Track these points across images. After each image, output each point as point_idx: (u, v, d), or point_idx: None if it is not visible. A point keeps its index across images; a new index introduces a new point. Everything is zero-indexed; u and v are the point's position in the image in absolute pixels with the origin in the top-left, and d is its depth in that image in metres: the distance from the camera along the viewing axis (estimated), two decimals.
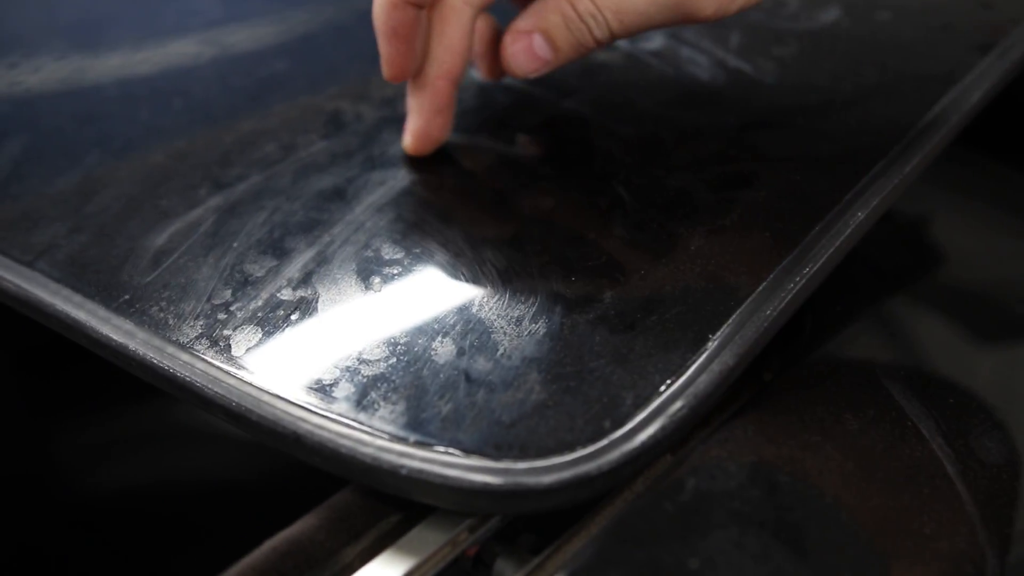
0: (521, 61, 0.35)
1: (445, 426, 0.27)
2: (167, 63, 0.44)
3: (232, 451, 0.75)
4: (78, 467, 0.78)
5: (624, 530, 0.26)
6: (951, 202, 0.45)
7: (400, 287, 0.32)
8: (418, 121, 0.36)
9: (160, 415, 0.81)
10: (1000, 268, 0.41)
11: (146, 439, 0.82)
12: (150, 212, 0.35)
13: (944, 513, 0.29)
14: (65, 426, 0.75)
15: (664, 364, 0.29)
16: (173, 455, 0.82)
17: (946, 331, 0.36)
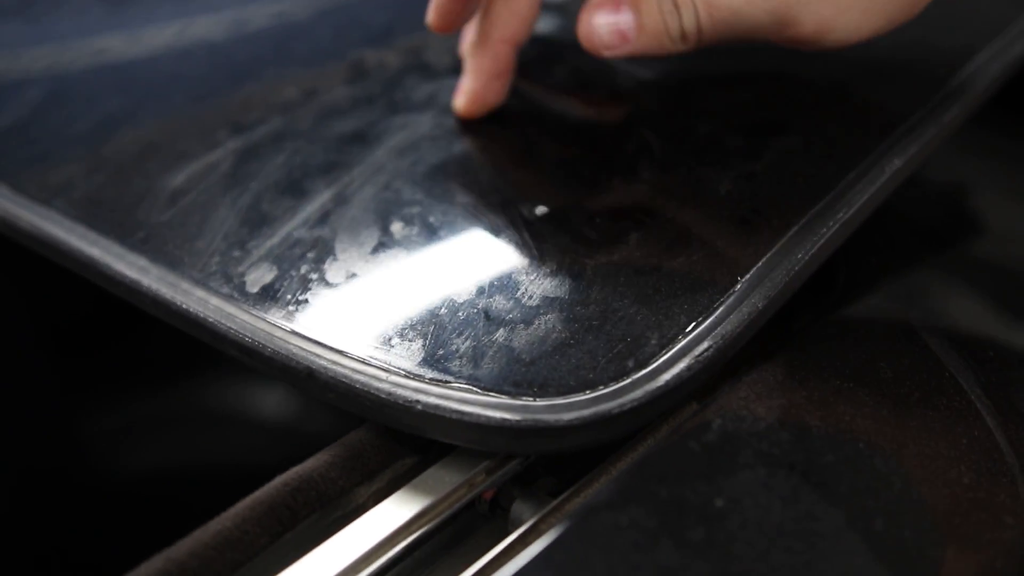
0: (603, 34, 0.33)
1: (462, 363, 0.27)
2: (189, 13, 0.43)
3: (255, 435, 0.75)
4: (105, 446, 0.78)
5: (646, 469, 0.25)
6: (991, 168, 0.43)
7: (419, 228, 0.31)
8: (474, 84, 0.35)
9: (186, 398, 0.82)
10: None
11: (171, 421, 0.82)
12: (168, 153, 0.35)
13: (983, 463, 0.27)
14: (95, 405, 0.76)
15: (691, 305, 0.28)
16: (197, 438, 0.82)
17: (985, 290, 0.35)
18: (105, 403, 0.78)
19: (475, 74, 0.35)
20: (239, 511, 0.26)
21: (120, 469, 0.80)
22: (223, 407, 0.81)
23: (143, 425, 0.81)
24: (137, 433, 0.81)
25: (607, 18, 0.33)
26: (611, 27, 0.33)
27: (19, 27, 0.43)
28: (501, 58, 0.34)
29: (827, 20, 0.32)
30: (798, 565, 0.23)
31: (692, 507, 0.24)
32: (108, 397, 0.79)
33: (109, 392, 0.79)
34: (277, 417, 0.78)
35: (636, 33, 0.33)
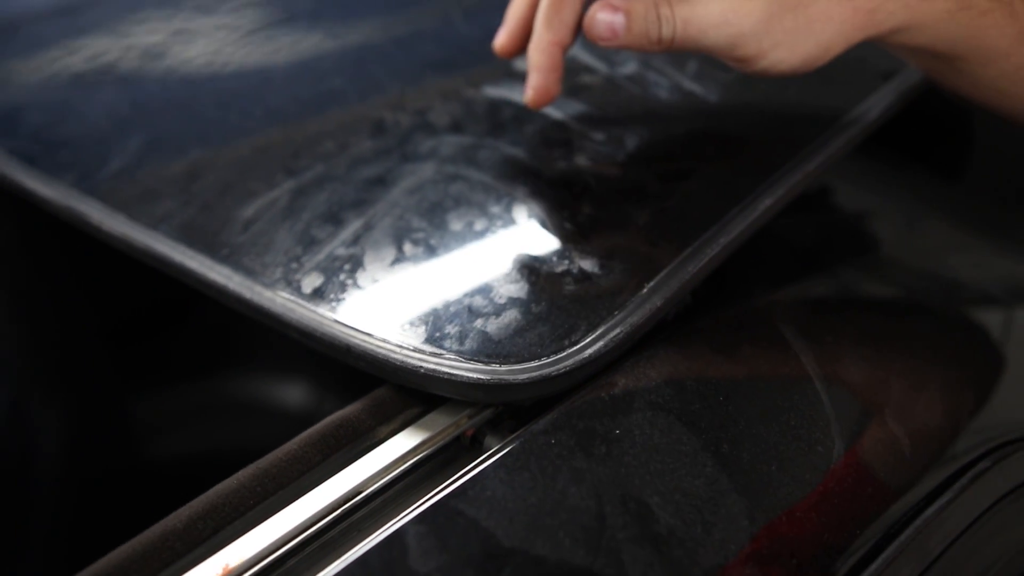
0: (600, 28, 0.44)
1: (452, 341, 0.39)
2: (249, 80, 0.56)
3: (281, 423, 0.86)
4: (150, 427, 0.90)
5: (572, 411, 0.37)
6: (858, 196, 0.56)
7: (423, 248, 0.43)
8: (538, 78, 0.46)
9: (221, 388, 0.94)
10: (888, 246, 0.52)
11: (207, 408, 0.94)
12: (240, 191, 0.47)
13: (808, 411, 0.40)
14: (145, 391, 0.88)
15: (610, 303, 0.40)
16: (231, 424, 0.95)
17: (833, 293, 0.47)
18: (152, 389, 0.90)
19: (537, 71, 0.46)
20: (302, 439, 0.38)
21: (163, 450, 0.93)
22: (254, 397, 0.93)
23: (184, 410, 0.94)
24: (179, 417, 0.93)
25: (605, 16, 0.44)
26: (607, 23, 0.44)
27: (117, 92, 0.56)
28: (555, 56, 0.46)
29: (764, 50, 0.43)
30: (666, 472, 0.36)
31: (598, 434, 0.36)
32: (155, 384, 0.91)
33: (155, 380, 0.91)
34: (299, 406, 0.90)
35: (624, 32, 0.44)
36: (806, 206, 0.53)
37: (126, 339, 0.91)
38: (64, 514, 0.82)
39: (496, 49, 0.49)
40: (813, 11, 0.43)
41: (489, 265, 0.42)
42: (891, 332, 0.46)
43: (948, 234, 0.57)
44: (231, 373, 0.95)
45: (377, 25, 0.61)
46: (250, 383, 0.94)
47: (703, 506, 0.35)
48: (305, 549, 0.35)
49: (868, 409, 0.42)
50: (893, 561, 0.38)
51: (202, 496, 0.36)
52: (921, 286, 0.51)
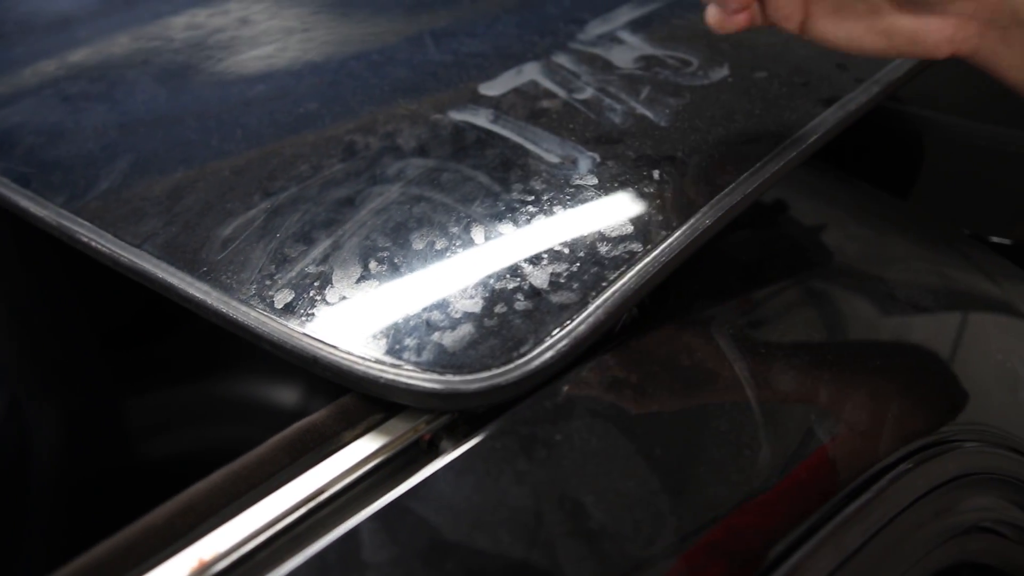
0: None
1: (411, 353, 0.43)
2: (231, 102, 0.60)
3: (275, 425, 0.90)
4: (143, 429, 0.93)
5: (518, 417, 0.41)
6: (806, 209, 0.59)
7: (387, 265, 0.47)
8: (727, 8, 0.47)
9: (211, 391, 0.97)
10: (829, 260, 0.56)
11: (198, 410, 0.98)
12: (220, 211, 0.51)
13: (738, 417, 0.44)
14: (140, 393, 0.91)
15: (557, 317, 0.44)
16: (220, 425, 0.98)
17: (770, 306, 0.51)
18: (147, 391, 0.94)
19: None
20: (272, 443, 0.42)
21: (157, 450, 0.96)
22: (246, 399, 0.97)
23: (178, 411, 0.97)
24: (173, 418, 0.97)
25: None
26: None
27: (106, 114, 0.59)
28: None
29: None
30: (601, 473, 0.39)
31: (540, 439, 0.40)
32: (149, 386, 0.95)
33: (150, 382, 0.95)
34: (290, 407, 0.94)
35: None
36: (754, 222, 0.56)
37: (121, 343, 0.95)
38: (60, 512, 0.85)
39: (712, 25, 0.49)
40: None
41: (447, 282, 0.46)
42: (824, 342, 0.50)
43: (889, 248, 0.60)
44: (223, 375, 0.98)
45: (352, 50, 0.65)
46: (242, 385, 0.98)
47: (634, 504, 0.39)
48: (273, 544, 0.38)
49: (796, 415, 0.46)
50: (812, 554, 0.42)
51: (179, 495, 0.39)
52: (857, 298, 0.54)
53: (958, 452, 0.50)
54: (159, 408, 0.97)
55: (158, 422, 0.97)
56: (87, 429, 0.90)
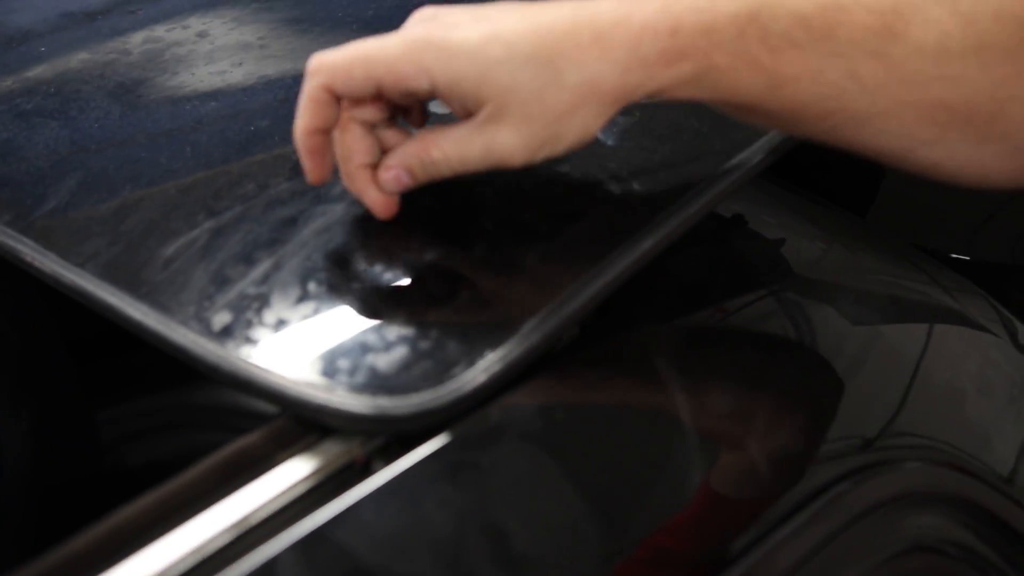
0: (390, 185, 0.49)
1: (343, 375, 0.43)
2: (183, 119, 0.60)
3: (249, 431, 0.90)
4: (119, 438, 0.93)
5: (447, 442, 0.41)
6: (757, 226, 0.59)
7: (326, 287, 0.47)
8: (368, 198, 0.49)
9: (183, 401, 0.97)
10: (774, 279, 0.56)
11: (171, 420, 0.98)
12: (164, 231, 0.51)
13: (670, 440, 0.44)
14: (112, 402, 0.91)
15: (491, 339, 0.44)
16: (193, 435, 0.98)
17: (714, 323, 0.51)
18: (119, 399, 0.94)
19: (363, 193, 0.49)
20: (202, 466, 0.42)
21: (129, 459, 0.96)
22: (219, 407, 0.97)
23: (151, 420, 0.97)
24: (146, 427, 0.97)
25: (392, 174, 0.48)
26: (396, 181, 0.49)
27: (58, 130, 0.60)
28: (363, 177, 0.49)
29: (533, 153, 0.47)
30: (527, 499, 0.40)
31: (467, 464, 0.40)
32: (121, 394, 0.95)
33: (122, 390, 0.95)
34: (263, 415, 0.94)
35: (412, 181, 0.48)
36: (703, 239, 0.56)
37: (92, 351, 0.95)
38: (29, 522, 0.85)
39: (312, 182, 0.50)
40: (562, 113, 0.46)
41: (384, 303, 0.46)
42: (763, 362, 0.50)
43: (839, 264, 0.61)
44: (197, 384, 0.98)
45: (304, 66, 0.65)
46: (215, 393, 0.98)
47: (558, 530, 0.39)
48: (195, 572, 0.38)
49: (730, 437, 0.46)
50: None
51: (104, 519, 0.39)
52: (803, 316, 0.54)
53: (900, 472, 0.50)
54: (134, 416, 0.98)
55: (133, 430, 0.97)
56: (57, 438, 0.90)
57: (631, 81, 0.46)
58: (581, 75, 0.46)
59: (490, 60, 0.46)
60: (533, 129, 0.46)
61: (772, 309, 0.55)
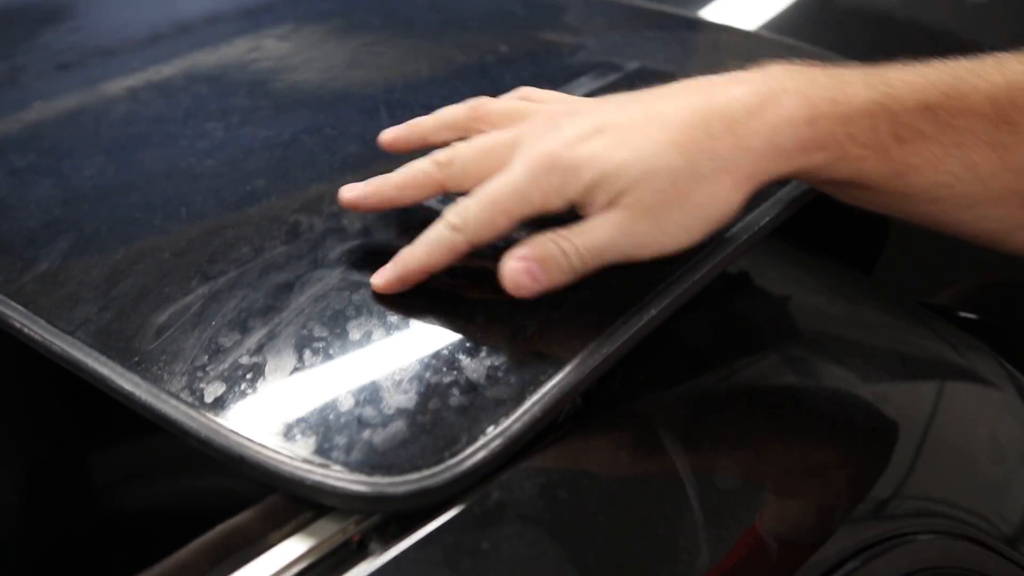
0: (522, 279, 0.46)
1: (339, 452, 0.42)
2: (178, 177, 0.59)
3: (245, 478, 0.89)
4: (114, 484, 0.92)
5: (444, 523, 0.40)
6: (759, 286, 0.58)
7: (321, 356, 0.46)
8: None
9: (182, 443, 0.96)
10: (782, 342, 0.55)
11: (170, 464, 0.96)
12: (156, 297, 0.50)
13: (677, 520, 0.42)
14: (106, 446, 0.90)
15: (492, 414, 0.43)
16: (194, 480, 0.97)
17: (720, 391, 0.50)
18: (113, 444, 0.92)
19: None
20: (193, 547, 0.41)
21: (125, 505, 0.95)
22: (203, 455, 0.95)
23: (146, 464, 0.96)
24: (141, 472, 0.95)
25: (518, 265, 0.46)
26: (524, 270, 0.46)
27: (51, 189, 0.59)
28: None
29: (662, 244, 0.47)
30: None
31: (466, 548, 0.39)
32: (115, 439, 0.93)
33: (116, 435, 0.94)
34: None
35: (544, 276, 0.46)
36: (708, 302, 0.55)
37: (85, 395, 0.93)
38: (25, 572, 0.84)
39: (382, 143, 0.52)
40: (696, 198, 0.46)
41: (383, 375, 0.45)
42: (771, 433, 0.49)
43: (846, 325, 0.59)
44: None
45: (305, 122, 0.64)
46: None
47: None
48: None
49: (739, 515, 0.44)
50: None
51: None
52: (811, 382, 0.53)
53: (912, 546, 0.48)
54: (127, 460, 0.96)
55: (126, 475, 0.96)
56: (51, 488, 0.88)
57: (766, 167, 0.47)
58: (715, 164, 0.46)
59: (620, 164, 0.46)
60: (670, 216, 0.46)
61: (779, 373, 0.53)
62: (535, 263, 0.46)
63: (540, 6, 0.86)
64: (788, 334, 0.57)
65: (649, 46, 0.78)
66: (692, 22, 0.85)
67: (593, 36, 0.78)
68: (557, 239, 0.47)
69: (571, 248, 0.46)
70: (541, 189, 0.47)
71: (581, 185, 0.47)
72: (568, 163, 0.47)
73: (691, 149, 0.46)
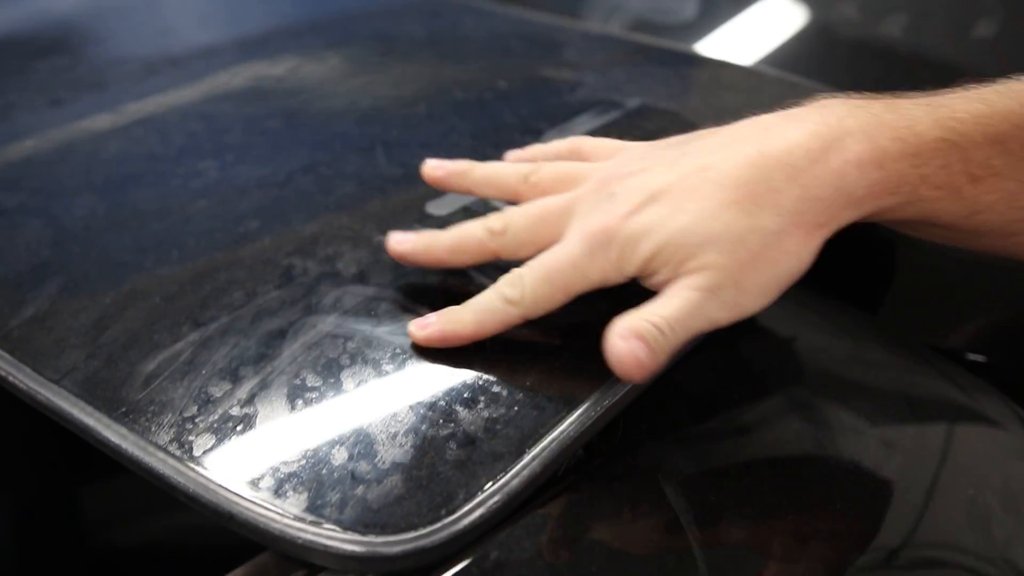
0: (631, 359, 0.43)
1: (332, 510, 0.40)
2: (170, 218, 0.58)
3: None
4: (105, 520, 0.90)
5: None
6: (764, 328, 0.57)
7: (314, 408, 0.44)
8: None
9: None
10: (788, 390, 0.53)
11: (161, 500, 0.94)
12: (145, 344, 0.48)
13: None
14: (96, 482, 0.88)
15: (490, 470, 0.41)
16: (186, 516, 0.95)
17: (725, 440, 0.48)
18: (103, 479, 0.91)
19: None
20: None
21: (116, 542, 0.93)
22: None
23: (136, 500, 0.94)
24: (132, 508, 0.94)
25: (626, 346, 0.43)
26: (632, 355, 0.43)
27: (40, 229, 0.57)
28: None
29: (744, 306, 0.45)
30: None
31: None
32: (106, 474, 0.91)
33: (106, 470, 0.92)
34: None
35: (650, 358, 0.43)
36: (712, 345, 0.54)
37: None
38: None
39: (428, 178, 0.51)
40: (769, 255, 0.45)
41: (378, 428, 0.43)
42: (778, 486, 0.47)
43: (855, 369, 0.58)
44: None
45: (301, 162, 0.63)
46: None
47: None
48: None
49: (746, 572, 0.43)
50: None
51: None
52: (816, 431, 0.52)
53: None
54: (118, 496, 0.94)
55: (117, 511, 0.94)
56: (41, 520, 0.87)
57: (836, 215, 0.45)
58: (782, 219, 0.44)
59: (676, 233, 0.45)
60: (745, 276, 0.45)
61: (785, 421, 0.52)
62: (640, 342, 0.43)
63: (539, 41, 0.85)
64: (793, 379, 0.55)
65: (650, 82, 0.77)
66: (693, 58, 0.84)
67: (593, 72, 0.77)
68: (647, 316, 0.44)
69: (664, 324, 0.44)
70: (598, 264, 0.46)
71: (639, 259, 0.45)
72: (625, 238, 0.45)
73: (753, 207, 0.44)
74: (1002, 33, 0.82)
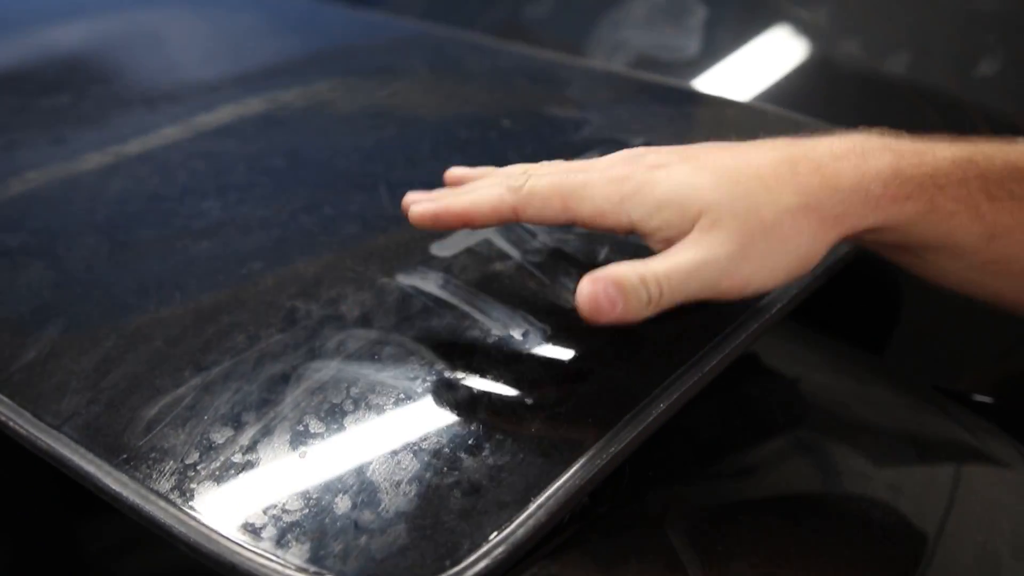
0: (601, 301, 0.43)
1: (335, 560, 0.40)
2: (173, 259, 0.58)
3: None
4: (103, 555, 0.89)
5: None
6: (769, 371, 0.57)
7: (318, 455, 0.44)
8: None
9: None
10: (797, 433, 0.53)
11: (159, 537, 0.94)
12: (147, 389, 0.48)
13: None
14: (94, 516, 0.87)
15: (495, 519, 0.41)
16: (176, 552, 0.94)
17: (732, 487, 0.48)
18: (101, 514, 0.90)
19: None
20: None
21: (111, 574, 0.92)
22: None
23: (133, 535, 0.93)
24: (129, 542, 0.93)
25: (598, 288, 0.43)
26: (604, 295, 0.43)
27: (41, 271, 0.57)
28: None
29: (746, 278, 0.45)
30: None
31: None
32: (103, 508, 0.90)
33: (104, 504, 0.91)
34: None
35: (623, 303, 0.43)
36: (718, 389, 0.53)
37: None
38: None
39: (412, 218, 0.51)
40: (782, 230, 0.45)
41: (381, 475, 0.43)
42: (786, 533, 0.47)
43: (861, 412, 0.58)
44: None
45: (304, 202, 0.63)
46: None
47: None
48: None
49: None
50: None
51: None
52: (822, 476, 0.51)
53: None
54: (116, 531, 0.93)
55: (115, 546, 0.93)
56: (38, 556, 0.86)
57: (854, 212, 0.45)
58: (799, 199, 0.45)
59: (698, 186, 0.45)
60: (755, 245, 0.44)
61: (791, 466, 0.51)
62: (614, 287, 0.43)
63: (543, 79, 0.85)
64: (800, 422, 0.55)
65: (654, 120, 0.77)
66: (696, 96, 0.84)
67: (597, 109, 0.77)
68: (635, 265, 0.44)
69: (651, 276, 0.44)
70: (607, 194, 0.46)
71: (651, 202, 0.45)
72: (643, 179, 0.46)
73: (775, 183, 0.45)
74: (1005, 70, 0.82)
